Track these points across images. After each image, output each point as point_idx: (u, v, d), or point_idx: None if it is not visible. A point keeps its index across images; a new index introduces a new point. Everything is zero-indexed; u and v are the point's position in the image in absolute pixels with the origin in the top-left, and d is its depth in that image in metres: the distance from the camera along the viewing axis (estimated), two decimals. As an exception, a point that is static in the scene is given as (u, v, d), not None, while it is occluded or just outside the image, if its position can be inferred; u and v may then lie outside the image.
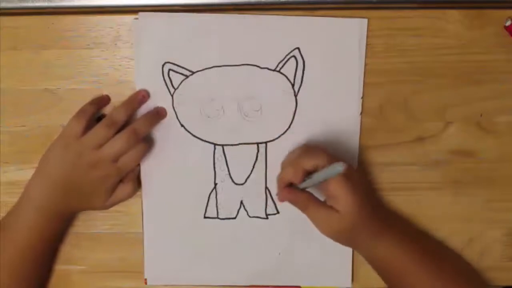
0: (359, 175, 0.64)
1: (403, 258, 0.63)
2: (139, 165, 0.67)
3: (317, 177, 0.59)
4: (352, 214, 0.60)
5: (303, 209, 0.62)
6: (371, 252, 0.64)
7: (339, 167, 0.56)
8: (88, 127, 0.63)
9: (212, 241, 0.69)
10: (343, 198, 0.59)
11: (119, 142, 0.62)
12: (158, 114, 0.66)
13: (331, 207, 0.60)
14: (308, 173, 0.60)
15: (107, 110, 0.67)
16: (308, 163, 0.60)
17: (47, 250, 0.68)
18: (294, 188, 0.61)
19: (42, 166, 0.64)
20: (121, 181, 0.66)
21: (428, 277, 0.63)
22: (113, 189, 0.66)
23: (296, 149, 0.65)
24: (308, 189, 0.61)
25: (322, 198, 0.62)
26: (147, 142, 0.66)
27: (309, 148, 0.64)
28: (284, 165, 0.64)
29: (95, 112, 0.65)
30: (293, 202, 0.62)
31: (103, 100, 0.66)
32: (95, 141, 0.62)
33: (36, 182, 0.64)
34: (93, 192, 0.65)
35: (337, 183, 0.59)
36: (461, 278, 0.66)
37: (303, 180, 0.60)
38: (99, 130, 0.62)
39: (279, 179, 0.62)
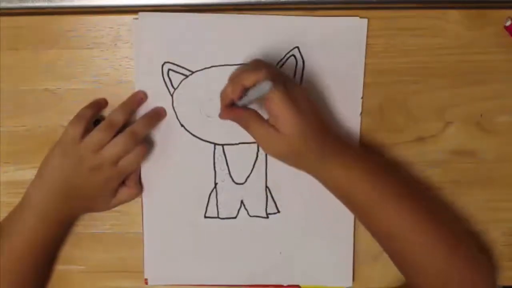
0: (310, 101, 0.61)
1: (364, 185, 0.60)
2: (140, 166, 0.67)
3: (251, 94, 0.57)
4: (293, 135, 0.58)
5: (245, 127, 0.60)
6: (325, 177, 0.62)
7: (267, 86, 0.55)
8: (87, 131, 0.63)
9: (212, 240, 0.69)
10: (281, 118, 0.57)
11: (118, 145, 0.62)
12: (157, 115, 0.66)
13: (273, 126, 0.59)
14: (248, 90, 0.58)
15: (107, 111, 0.67)
16: (248, 79, 0.57)
17: (47, 254, 0.68)
18: (236, 106, 0.59)
19: (42, 173, 0.64)
20: (123, 183, 0.66)
21: (395, 210, 0.60)
22: (115, 191, 0.66)
23: (242, 65, 0.63)
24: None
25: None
26: (147, 143, 0.66)
27: (253, 63, 0.61)
28: (228, 81, 0.61)
29: (93, 116, 0.64)
30: (235, 120, 0.61)
31: (100, 104, 0.66)
32: (94, 145, 0.62)
33: (37, 188, 0.64)
34: (95, 196, 0.65)
35: (274, 101, 0.57)
36: (433, 216, 0.62)
37: (241, 97, 0.58)
38: (98, 133, 0.62)
39: (221, 96, 0.61)
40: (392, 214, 0.60)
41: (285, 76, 0.62)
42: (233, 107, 0.60)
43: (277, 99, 0.57)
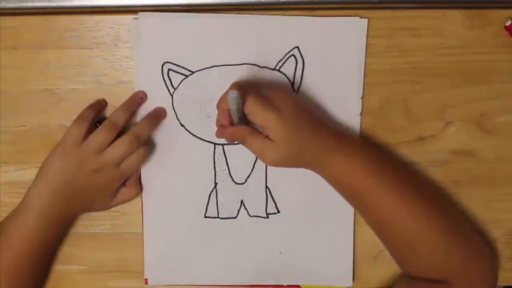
0: (293, 99, 0.61)
1: (363, 172, 0.61)
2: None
3: (232, 112, 0.59)
4: (285, 139, 0.59)
5: (242, 141, 0.61)
6: (323, 168, 0.62)
7: (232, 95, 0.56)
8: (88, 132, 0.63)
9: (212, 241, 0.69)
10: (267, 126, 0.59)
11: (121, 147, 0.62)
12: (158, 116, 0.66)
13: (267, 137, 0.60)
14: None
15: (107, 111, 0.67)
16: (223, 103, 0.60)
17: (47, 254, 0.68)
18: (231, 125, 0.61)
19: (43, 174, 0.64)
20: (124, 184, 0.66)
21: (395, 195, 0.61)
22: (115, 192, 0.66)
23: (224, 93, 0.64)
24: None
25: None
26: (148, 145, 0.66)
27: (226, 91, 0.62)
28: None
29: (94, 117, 0.65)
30: (231, 138, 0.62)
31: (101, 105, 0.66)
32: (96, 146, 0.62)
33: (37, 189, 0.64)
34: (96, 197, 0.65)
35: (254, 113, 0.59)
36: (433, 201, 0.63)
37: (231, 119, 0.60)
38: (100, 134, 0.62)
39: (216, 123, 0.63)
40: (392, 200, 0.61)
41: (262, 85, 0.62)
42: (225, 127, 0.62)
43: (256, 110, 0.58)
